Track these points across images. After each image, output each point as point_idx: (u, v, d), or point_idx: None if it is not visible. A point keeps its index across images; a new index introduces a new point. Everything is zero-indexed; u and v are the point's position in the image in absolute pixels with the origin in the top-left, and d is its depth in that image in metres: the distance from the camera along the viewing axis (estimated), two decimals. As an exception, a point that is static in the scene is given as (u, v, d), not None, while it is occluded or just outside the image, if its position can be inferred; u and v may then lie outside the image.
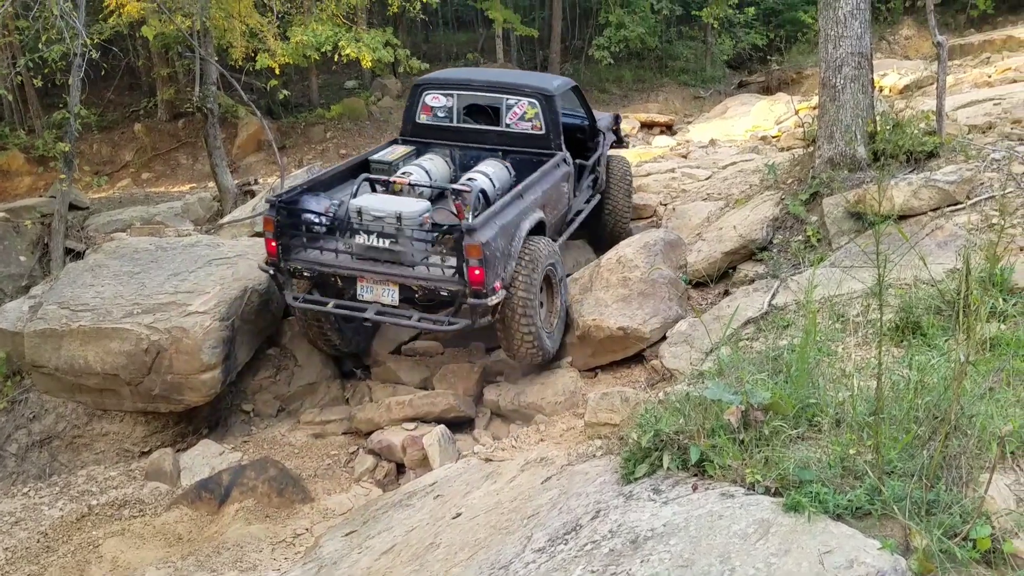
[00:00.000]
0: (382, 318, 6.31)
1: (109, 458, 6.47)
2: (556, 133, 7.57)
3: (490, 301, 5.93)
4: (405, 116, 8.12)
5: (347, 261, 6.25)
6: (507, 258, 6.16)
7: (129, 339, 6.27)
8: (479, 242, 5.77)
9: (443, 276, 6.03)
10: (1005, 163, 6.40)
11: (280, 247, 6.29)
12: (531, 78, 8.27)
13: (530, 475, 4.47)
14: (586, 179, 8.41)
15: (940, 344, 4.12)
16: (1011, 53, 17.86)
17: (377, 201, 6.31)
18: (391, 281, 6.17)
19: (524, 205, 6.53)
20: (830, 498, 2.48)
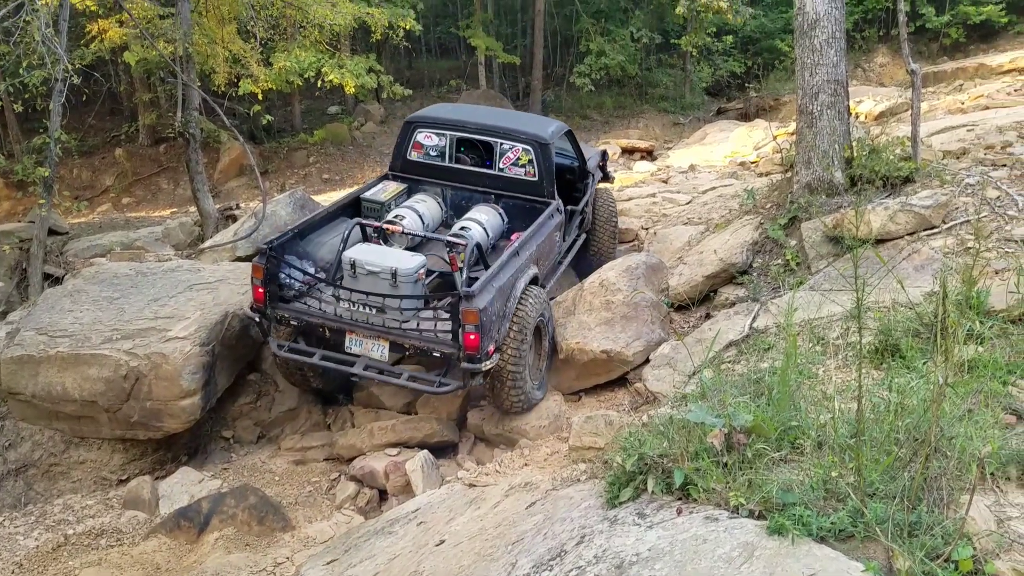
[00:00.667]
0: (370, 374, 6.13)
1: (86, 486, 6.37)
2: (550, 181, 7.46)
3: (484, 367, 5.84)
4: (395, 151, 8.00)
5: (337, 313, 6.13)
6: (502, 319, 6.08)
7: (108, 365, 6.20)
8: (477, 308, 5.67)
9: (436, 338, 5.92)
10: (979, 188, 6.51)
11: (268, 294, 6.19)
12: (526, 122, 8.08)
13: (514, 500, 4.45)
14: (575, 222, 8.34)
15: (919, 366, 4.17)
16: (983, 80, 18.24)
17: (372, 254, 6.23)
18: (382, 337, 6.04)
19: (520, 263, 6.44)
20: (813, 520, 2.49)
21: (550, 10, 22.38)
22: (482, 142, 7.78)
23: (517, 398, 6.35)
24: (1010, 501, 2.94)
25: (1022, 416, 3.60)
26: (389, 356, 6.11)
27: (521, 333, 6.19)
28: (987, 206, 6.18)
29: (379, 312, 6.01)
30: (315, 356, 6.19)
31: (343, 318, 6.11)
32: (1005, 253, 5.48)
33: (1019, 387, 3.87)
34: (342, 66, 15.18)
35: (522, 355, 6.21)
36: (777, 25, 23.40)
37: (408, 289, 6.07)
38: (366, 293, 5.99)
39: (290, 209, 8.87)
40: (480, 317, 5.66)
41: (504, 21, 24.73)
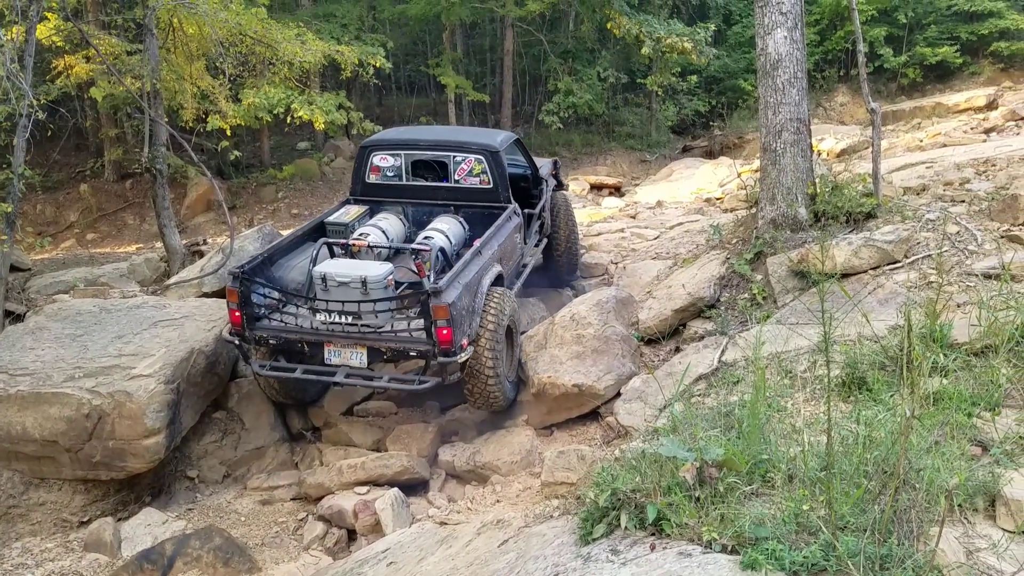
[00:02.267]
0: (353, 381, 6.39)
1: (46, 529, 6.18)
2: (504, 186, 7.85)
3: (459, 358, 6.08)
4: (354, 177, 8.28)
5: (313, 327, 6.31)
6: (472, 314, 6.34)
7: (69, 404, 6.07)
8: (446, 303, 5.90)
9: (411, 337, 6.14)
10: (940, 223, 6.66)
11: (244, 317, 6.32)
12: (476, 135, 8.53)
13: (486, 538, 4.40)
14: (534, 226, 8.69)
15: (886, 399, 4.22)
16: (940, 119, 18.78)
17: (341, 266, 6.43)
18: (359, 344, 6.24)
19: (483, 261, 6.72)
20: (786, 555, 2.49)
21: (518, 50, 22.68)
22: (435, 162, 8.11)
23: (495, 393, 6.60)
24: (978, 532, 2.98)
25: (987, 448, 3.66)
26: (368, 362, 6.30)
27: (492, 327, 6.48)
28: (948, 241, 6.32)
29: (354, 320, 6.20)
30: (297, 371, 6.38)
31: (320, 331, 6.29)
32: (966, 287, 5.60)
33: (983, 419, 3.93)
34: (312, 102, 15.22)
35: (496, 349, 6.49)
36: (740, 65, 23.91)
37: (379, 295, 6.25)
38: (341, 302, 6.16)
39: (258, 244, 8.80)
40: (450, 311, 5.90)
41: (473, 60, 24.99)
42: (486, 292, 6.59)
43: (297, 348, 6.44)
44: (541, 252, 9.00)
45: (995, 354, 4.46)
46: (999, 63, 22.19)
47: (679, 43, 19.46)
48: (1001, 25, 21.37)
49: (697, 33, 19.83)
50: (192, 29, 11.02)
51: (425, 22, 22.27)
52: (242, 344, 6.47)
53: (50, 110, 10.56)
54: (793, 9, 7.22)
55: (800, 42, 7.29)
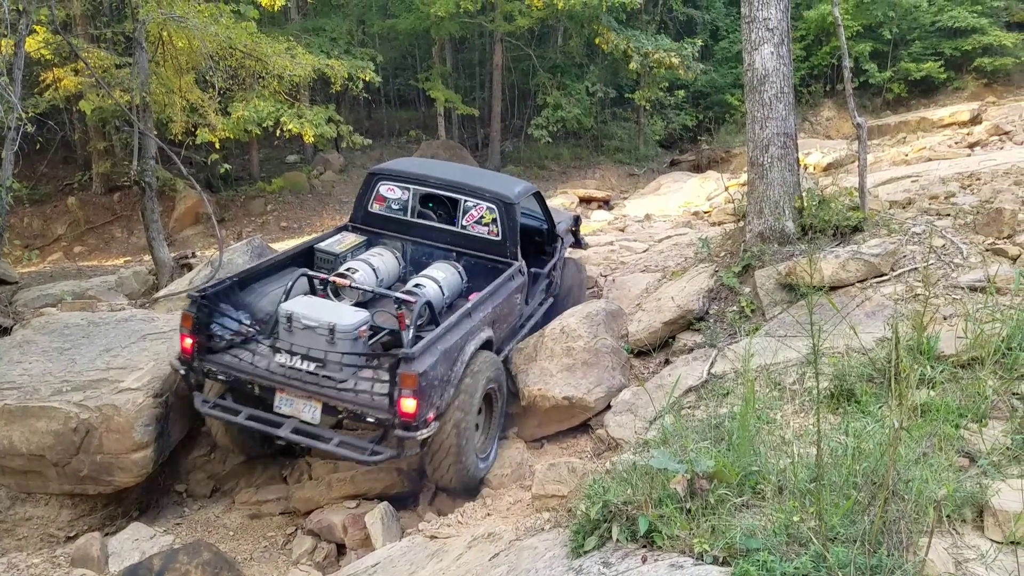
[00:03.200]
0: (297, 438, 5.61)
1: (32, 544, 6.11)
2: (513, 241, 7.22)
3: (420, 435, 5.37)
4: (357, 203, 7.77)
5: (267, 368, 5.68)
6: (445, 385, 5.67)
7: (57, 418, 6.01)
8: (416, 372, 5.23)
9: (372, 400, 5.44)
10: (926, 236, 6.73)
11: (196, 345, 5.82)
12: (492, 181, 7.77)
13: (477, 552, 4.40)
14: (540, 285, 8.07)
15: (874, 411, 4.25)
16: (925, 133, 18.98)
17: (310, 308, 5.83)
18: (315, 397, 5.60)
19: (472, 324, 6.08)
20: (777, 566, 2.50)
21: (508, 64, 22.81)
22: (446, 198, 7.61)
23: (455, 473, 5.90)
24: (967, 543, 3.00)
25: (975, 459, 3.69)
26: (321, 418, 5.65)
27: (466, 402, 5.80)
28: (934, 254, 6.39)
29: (314, 370, 5.57)
30: (240, 415, 5.77)
31: (275, 375, 5.66)
32: (953, 300, 5.65)
33: (971, 430, 3.96)
34: (301, 116, 15.27)
35: (464, 426, 5.78)
36: (727, 80, 24.13)
37: (346, 347, 5.63)
38: (304, 347, 5.58)
39: (247, 257, 8.78)
40: (419, 381, 5.23)
41: (463, 74, 25.11)
42: (467, 361, 5.87)
43: (248, 390, 5.83)
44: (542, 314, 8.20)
45: (981, 366, 4.50)
46: (983, 78, 22.47)
47: (666, 58, 19.65)
48: (984, 41, 21.67)
49: (684, 48, 20.03)
50: (182, 43, 11.04)
51: (414, 36, 22.40)
52: (188, 375, 5.90)
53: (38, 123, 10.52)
54: (780, 25, 7.31)
55: (787, 58, 7.37)
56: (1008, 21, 22.85)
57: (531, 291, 7.76)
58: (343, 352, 5.58)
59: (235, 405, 5.91)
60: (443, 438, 5.71)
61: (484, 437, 6.44)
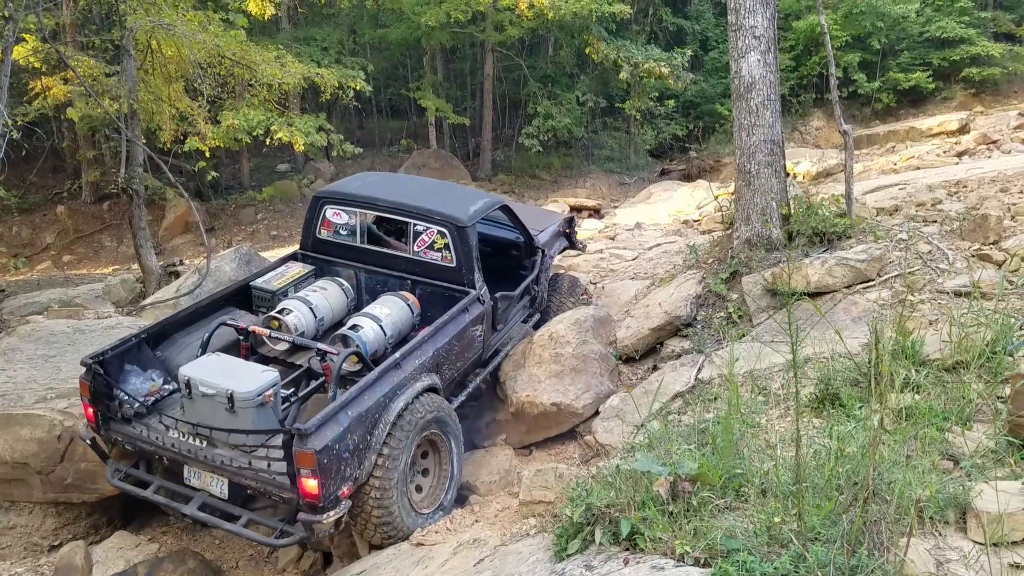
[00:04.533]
0: (203, 516, 5.15)
1: (16, 553, 6.07)
2: (469, 267, 6.59)
3: (327, 517, 4.78)
4: (305, 229, 7.22)
5: (172, 439, 5.22)
6: (364, 451, 5.06)
7: (41, 425, 5.98)
8: (313, 450, 4.62)
9: (272, 480, 4.92)
10: (912, 243, 6.76)
11: (98, 415, 5.39)
12: (446, 200, 7.00)
13: (463, 558, 4.38)
14: (514, 307, 7.45)
15: (858, 414, 4.26)
16: (913, 143, 19.10)
17: (209, 372, 5.24)
18: (218, 472, 5.15)
19: (402, 376, 5.47)
20: (757, 567, 2.50)
21: (498, 74, 22.87)
22: (394, 222, 7.08)
23: (383, 537, 5.35)
24: (949, 545, 3.00)
25: (958, 461, 3.69)
26: (229, 493, 5.19)
27: (392, 465, 5.21)
28: (919, 260, 6.41)
29: (209, 445, 5.11)
30: (149, 489, 5.40)
31: (175, 448, 5.20)
32: (938, 304, 5.67)
33: (955, 433, 3.97)
34: (291, 124, 15.27)
35: (389, 493, 5.21)
36: (717, 90, 24.23)
37: (249, 415, 5.07)
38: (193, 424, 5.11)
39: (235, 265, 8.76)
40: (318, 459, 4.62)
41: (454, 84, 25.16)
42: (393, 421, 5.24)
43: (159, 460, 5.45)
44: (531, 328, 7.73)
45: (966, 370, 4.51)
46: (971, 88, 22.65)
47: (656, 68, 19.74)
48: (972, 51, 21.84)
49: (674, 58, 20.13)
50: (170, 51, 11.04)
51: (405, 46, 22.46)
52: (96, 445, 5.52)
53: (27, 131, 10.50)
54: (766, 33, 7.34)
55: (773, 65, 7.40)
56: (995, 32, 23.05)
57: (503, 315, 7.16)
58: (228, 429, 5.02)
59: (147, 476, 5.57)
60: (365, 508, 5.18)
61: (435, 481, 5.95)
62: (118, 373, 5.56)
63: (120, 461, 5.66)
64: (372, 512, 5.19)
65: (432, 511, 5.72)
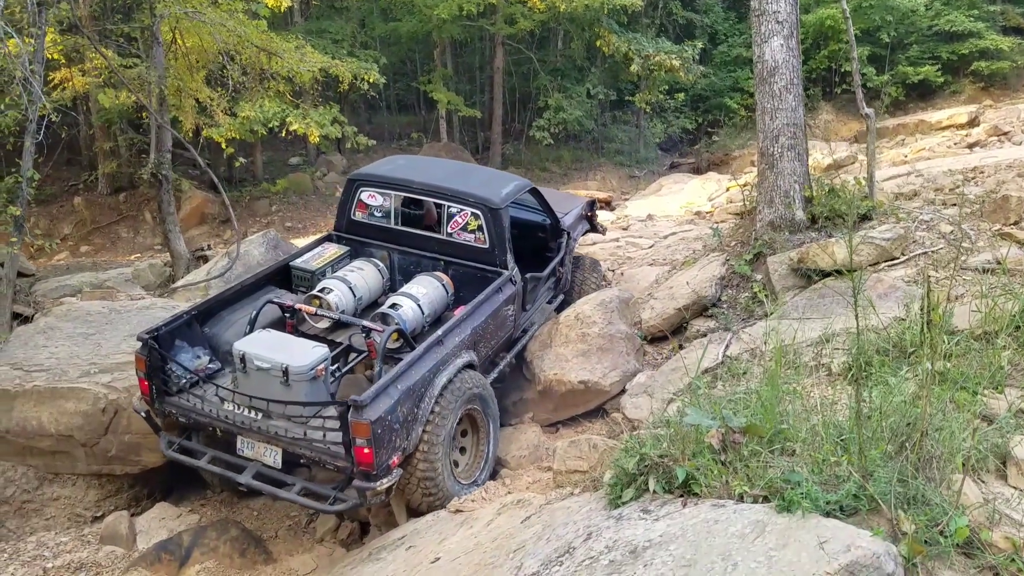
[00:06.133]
0: (257, 484, 5.40)
1: (60, 523, 6.23)
2: (501, 248, 6.76)
3: (381, 485, 5.07)
4: (339, 211, 7.42)
5: (227, 411, 5.46)
6: (412, 423, 5.32)
7: (86, 399, 6.14)
8: (368, 420, 4.90)
9: (326, 449, 5.19)
10: (934, 223, 6.90)
11: (153, 388, 5.61)
12: (479, 182, 7.18)
13: (508, 517, 4.52)
14: (541, 288, 7.62)
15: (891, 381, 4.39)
16: (923, 136, 19.20)
17: (264, 347, 5.50)
18: (273, 443, 5.39)
19: (444, 353, 5.70)
20: (820, 496, 2.64)
21: (508, 68, 22.99)
22: (422, 203, 7.33)
23: (429, 505, 5.61)
24: (991, 490, 3.14)
25: (992, 421, 3.83)
26: (283, 463, 5.43)
27: (438, 438, 5.51)
28: (942, 239, 6.55)
29: (266, 416, 5.35)
30: (204, 458, 5.64)
31: (229, 420, 5.45)
32: (963, 280, 5.81)
33: (987, 396, 4.10)
34: (306, 116, 15.38)
35: (436, 464, 5.51)
36: (726, 84, 24.35)
37: (303, 388, 5.35)
38: (249, 397, 5.35)
39: (263, 249, 8.92)
40: (373, 429, 4.91)
41: (463, 78, 25.27)
42: (437, 395, 5.51)
43: (210, 432, 5.69)
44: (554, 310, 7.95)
45: (995, 339, 4.64)
46: (979, 82, 22.72)
47: (667, 61, 19.85)
48: (981, 45, 21.92)
49: (685, 51, 20.23)
50: (192, 41, 11.19)
51: (415, 40, 22.56)
52: (150, 418, 5.76)
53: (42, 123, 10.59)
54: (789, 18, 7.48)
55: (796, 49, 7.54)
56: (1004, 26, 23.12)
57: (532, 295, 7.36)
58: (287, 402, 5.28)
59: (200, 447, 5.78)
60: (412, 476, 5.46)
61: (471, 459, 6.22)
62: (169, 349, 5.77)
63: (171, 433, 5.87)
64: (419, 481, 5.47)
65: (468, 484, 5.96)
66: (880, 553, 2.30)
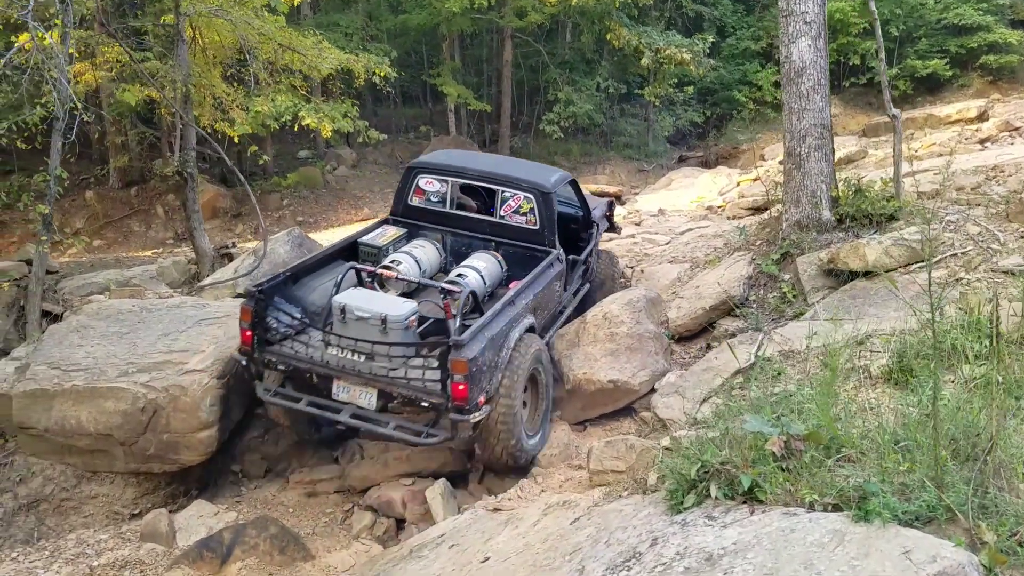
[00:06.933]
0: (356, 422, 6.03)
1: (98, 521, 6.30)
2: (551, 230, 7.43)
3: (472, 418, 5.70)
4: (397, 196, 8.04)
5: (329, 355, 6.01)
6: (493, 369, 5.92)
7: (125, 398, 6.20)
8: (466, 358, 5.53)
9: (424, 387, 5.78)
10: (961, 224, 6.95)
11: (255, 338, 6.13)
12: (529, 171, 7.99)
13: (555, 518, 4.58)
14: (578, 271, 8.27)
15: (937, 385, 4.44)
16: (932, 130, 19.21)
17: (362, 299, 6.16)
18: (370, 384, 5.94)
19: (515, 312, 6.33)
20: (898, 506, 2.70)
21: (516, 60, 22.98)
22: (484, 189, 7.88)
23: (507, 452, 6.18)
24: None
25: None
26: (377, 404, 5.99)
27: (513, 384, 6.07)
28: (971, 241, 6.61)
29: (368, 359, 5.91)
30: (302, 402, 6.12)
31: (330, 364, 5.99)
32: (995, 283, 5.87)
33: (1031, 400, 4.16)
34: (319, 111, 15.39)
35: (514, 407, 6.08)
36: (735, 77, 24.36)
37: (398, 336, 5.97)
38: (355, 339, 5.89)
39: (288, 247, 8.96)
40: (470, 367, 5.53)
41: (470, 71, 25.25)
42: (513, 345, 6.16)
43: (306, 378, 6.18)
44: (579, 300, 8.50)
45: (1034, 342, 4.71)
46: (988, 76, 22.77)
47: (678, 54, 19.85)
48: (990, 39, 21.96)
49: (695, 44, 20.23)
50: (211, 37, 11.19)
51: (422, 33, 22.54)
52: (250, 366, 6.25)
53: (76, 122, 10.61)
54: (817, 19, 7.52)
55: (823, 50, 7.58)
56: (1013, 19, 23.15)
57: (569, 277, 7.94)
58: (392, 343, 5.87)
59: (295, 393, 6.26)
60: (493, 419, 5.98)
61: (532, 416, 6.69)
62: (269, 303, 6.27)
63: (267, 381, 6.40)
64: (499, 427, 6.03)
65: (535, 435, 6.60)
66: (964, 563, 2.37)
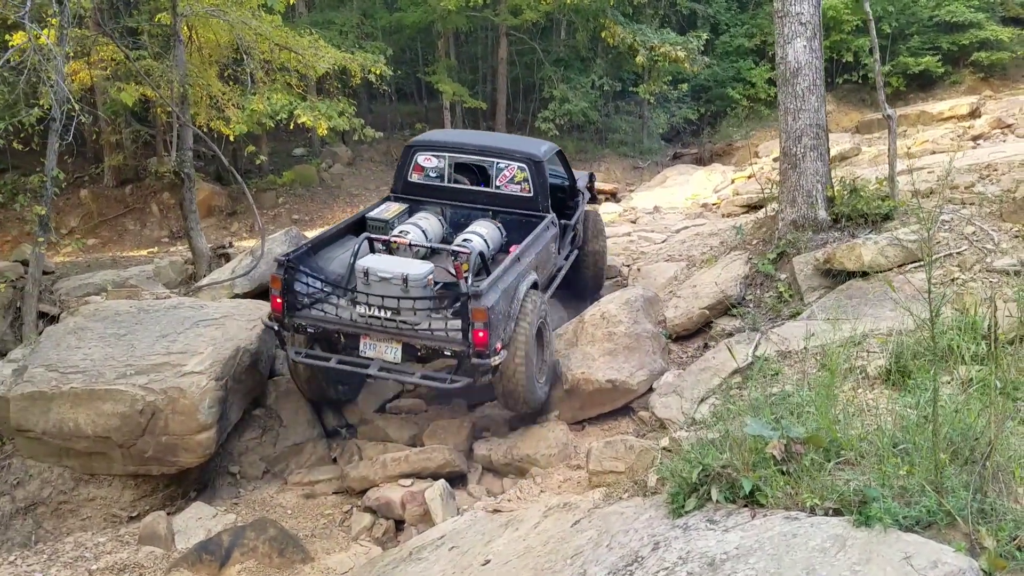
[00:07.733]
0: (386, 375, 6.56)
1: (96, 524, 6.29)
2: (544, 196, 8.01)
3: (493, 362, 6.23)
4: (396, 174, 8.52)
5: (351, 319, 6.51)
6: (507, 319, 6.49)
7: (123, 400, 6.19)
8: (485, 306, 6.09)
9: (447, 336, 6.33)
10: (957, 224, 6.98)
11: (286, 304, 6.53)
12: (520, 143, 8.72)
13: (556, 520, 4.60)
14: (568, 236, 8.81)
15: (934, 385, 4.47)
16: (925, 127, 19.29)
17: (383, 263, 6.62)
18: (395, 339, 6.45)
19: (521, 268, 6.88)
20: (899, 511, 2.73)
21: (511, 58, 22.96)
22: (475, 166, 8.39)
23: (523, 394, 6.74)
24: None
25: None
26: (402, 358, 6.50)
27: (526, 332, 6.64)
28: (966, 241, 6.64)
29: (393, 315, 6.41)
30: (332, 360, 6.57)
31: (357, 323, 6.50)
32: (990, 283, 5.91)
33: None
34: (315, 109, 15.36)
35: (528, 352, 6.65)
36: (729, 74, 24.38)
37: (419, 293, 6.49)
38: (381, 296, 6.38)
39: (286, 247, 8.93)
40: (488, 315, 6.08)
41: (465, 68, 25.22)
42: (522, 298, 6.74)
43: (334, 339, 6.69)
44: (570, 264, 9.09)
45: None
46: (979, 73, 22.83)
47: (672, 52, 19.87)
48: (981, 36, 22.02)
49: (690, 42, 20.24)
50: (206, 36, 11.17)
51: (418, 30, 22.50)
52: (280, 331, 6.66)
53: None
54: (812, 20, 7.54)
55: (818, 51, 7.61)
56: (1004, 16, 23.22)
57: (562, 241, 8.53)
58: (417, 297, 6.40)
59: (325, 353, 6.72)
60: (510, 364, 6.53)
61: (540, 365, 7.15)
62: (297, 272, 6.67)
63: None
64: (516, 372, 6.56)
65: (542, 383, 7.08)
66: (965, 569, 2.39)
